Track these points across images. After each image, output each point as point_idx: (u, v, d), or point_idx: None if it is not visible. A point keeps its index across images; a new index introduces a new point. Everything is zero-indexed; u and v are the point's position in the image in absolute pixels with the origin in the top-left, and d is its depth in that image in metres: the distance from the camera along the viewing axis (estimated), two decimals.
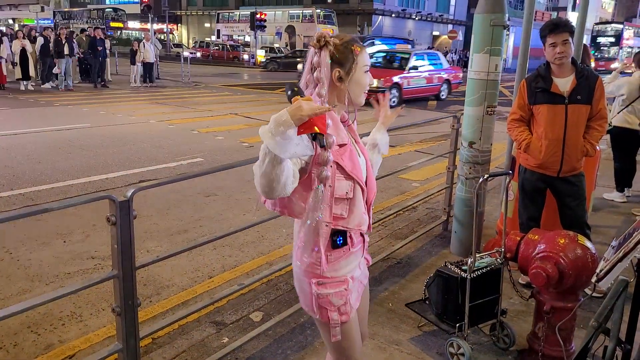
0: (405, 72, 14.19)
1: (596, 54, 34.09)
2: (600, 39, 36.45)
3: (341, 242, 1.55)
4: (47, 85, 15.16)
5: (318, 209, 1.47)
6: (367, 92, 1.61)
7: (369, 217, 1.66)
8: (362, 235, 1.66)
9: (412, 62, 14.58)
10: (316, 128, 1.26)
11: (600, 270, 1.29)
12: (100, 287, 3.33)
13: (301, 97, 1.30)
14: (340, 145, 1.51)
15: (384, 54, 16.14)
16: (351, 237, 1.59)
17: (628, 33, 37.58)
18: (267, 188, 1.33)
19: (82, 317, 3.01)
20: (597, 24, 38.92)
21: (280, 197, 1.41)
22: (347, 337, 1.64)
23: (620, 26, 37.38)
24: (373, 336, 2.79)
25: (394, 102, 13.35)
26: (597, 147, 3.18)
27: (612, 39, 36.30)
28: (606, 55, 35.26)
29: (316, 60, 1.50)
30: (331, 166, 1.46)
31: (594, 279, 1.31)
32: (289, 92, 1.33)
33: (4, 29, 27.09)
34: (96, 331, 2.86)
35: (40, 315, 2.99)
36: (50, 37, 14.73)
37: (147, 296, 3.24)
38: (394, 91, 13.58)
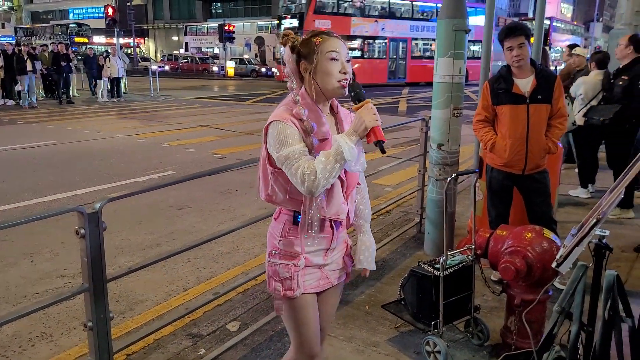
0: None
1: None
2: None
3: (300, 219, 1.62)
4: (10, 102, 14.78)
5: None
6: (341, 80, 1.57)
7: (349, 209, 1.71)
8: (332, 227, 1.68)
9: None
10: (379, 136, 1.48)
11: (560, 256, 1.35)
12: (70, 306, 3.25)
13: (359, 98, 1.50)
14: (321, 140, 1.57)
15: None
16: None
17: None
18: (324, 188, 1.50)
19: (53, 337, 2.92)
20: None
21: (271, 188, 1.62)
22: (297, 319, 1.70)
23: None
24: (351, 339, 2.81)
25: None
26: (559, 144, 3.30)
27: None
28: None
29: (284, 57, 1.61)
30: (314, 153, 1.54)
31: (554, 265, 1.37)
32: (352, 94, 1.53)
33: None
34: (68, 350, 2.78)
35: (9, 338, 2.89)
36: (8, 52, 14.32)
37: (120, 312, 3.18)
38: None
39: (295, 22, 23.06)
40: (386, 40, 24.94)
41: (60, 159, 7.73)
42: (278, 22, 25.00)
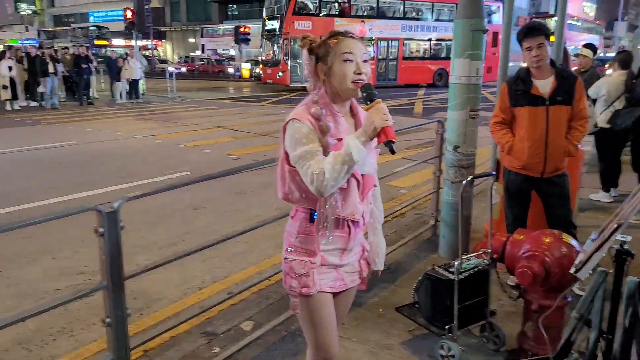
0: None
1: None
2: None
3: (316, 217, 1.64)
4: (33, 104, 15.11)
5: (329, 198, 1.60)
6: (356, 81, 1.57)
7: (364, 210, 1.71)
8: (348, 226, 1.68)
9: None
10: (390, 136, 1.48)
11: (579, 262, 1.33)
12: (90, 302, 3.30)
13: (371, 99, 1.50)
14: (338, 140, 1.58)
15: None
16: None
17: None
18: (334, 188, 1.51)
19: (73, 332, 2.98)
20: None
21: (288, 187, 1.65)
22: (313, 319, 1.70)
23: None
24: (364, 341, 2.80)
25: None
26: (580, 147, 3.24)
27: None
28: None
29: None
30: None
31: (572, 270, 1.34)
32: (364, 95, 1.53)
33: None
34: (87, 346, 2.83)
35: (31, 332, 2.96)
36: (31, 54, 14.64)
37: (137, 309, 3.22)
38: None
39: (276, 24, 22.49)
40: (374, 41, 24.30)
41: (80, 159, 7.87)
42: (263, 23, 24.39)
